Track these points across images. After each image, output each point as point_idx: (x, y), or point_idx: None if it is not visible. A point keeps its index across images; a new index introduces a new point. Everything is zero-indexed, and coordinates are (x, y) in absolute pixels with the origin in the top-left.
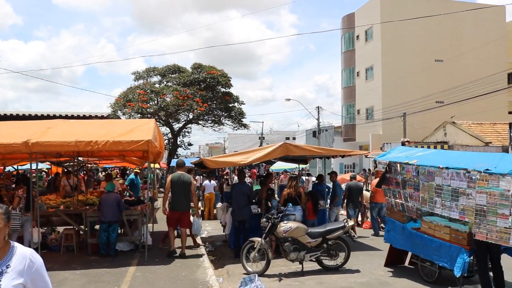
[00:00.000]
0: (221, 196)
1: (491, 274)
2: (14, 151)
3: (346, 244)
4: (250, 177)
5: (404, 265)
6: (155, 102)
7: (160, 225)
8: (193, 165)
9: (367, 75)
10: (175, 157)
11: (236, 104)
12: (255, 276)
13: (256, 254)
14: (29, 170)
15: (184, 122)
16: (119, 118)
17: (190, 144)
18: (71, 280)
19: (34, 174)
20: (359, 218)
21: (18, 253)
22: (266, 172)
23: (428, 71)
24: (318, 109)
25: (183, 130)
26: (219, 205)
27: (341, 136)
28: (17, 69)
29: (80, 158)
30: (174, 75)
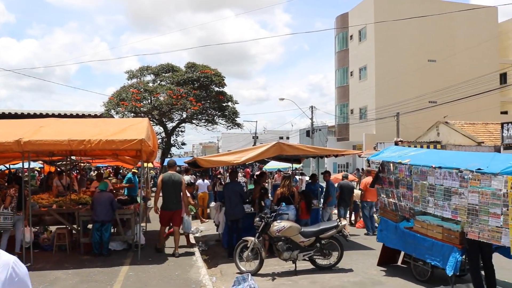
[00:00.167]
0: (215, 196)
1: (483, 273)
2: (6, 150)
3: (339, 243)
4: (244, 177)
5: (397, 264)
6: (149, 101)
7: (153, 224)
8: (187, 165)
9: (361, 75)
10: (169, 156)
11: (230, 104)
12: (248, 276)
13: (250, 254)
14: (21, 169)
15: (178, 121)
16: (113, 117)
17: (184, 144)
18: (64, 280)
19: (26, 173)
20: (353, 218)
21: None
22: (260, 172)
23: (421, 71)
24: (312, 109)
25: (177, 129)
26: (213, 205)
27: (335, 136)
28: (10, 67)
29: (73, 157)
30: (168, 74)
